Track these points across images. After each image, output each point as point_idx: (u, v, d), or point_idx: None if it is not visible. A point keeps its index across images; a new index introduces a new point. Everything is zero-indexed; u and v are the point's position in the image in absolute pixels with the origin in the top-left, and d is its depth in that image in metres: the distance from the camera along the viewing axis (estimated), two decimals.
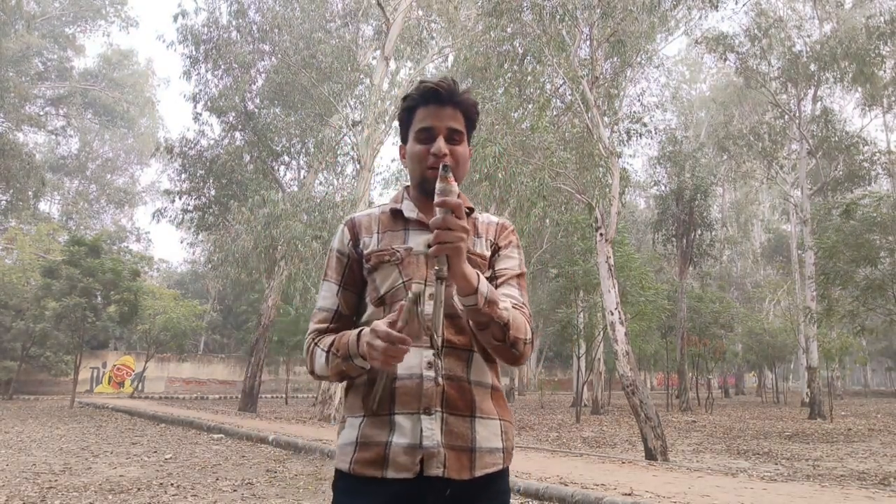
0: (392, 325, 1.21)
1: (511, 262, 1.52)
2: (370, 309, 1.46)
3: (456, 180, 1.29)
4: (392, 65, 17.36)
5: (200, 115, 17.98)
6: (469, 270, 1.26)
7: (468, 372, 1.39)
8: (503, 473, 1.42)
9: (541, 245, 18.32)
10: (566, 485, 5.94)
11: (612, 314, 9.15)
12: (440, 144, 1.41)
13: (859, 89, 21.20)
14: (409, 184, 1.56)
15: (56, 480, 6.53)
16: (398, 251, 1.43)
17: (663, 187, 23.70)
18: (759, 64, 19.62)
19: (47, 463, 7.69)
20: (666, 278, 24.69)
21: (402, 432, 1.32)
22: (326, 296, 1.50)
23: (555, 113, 13.41)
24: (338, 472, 1.41)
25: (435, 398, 1.33)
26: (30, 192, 26.52)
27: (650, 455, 8.38)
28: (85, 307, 18.15)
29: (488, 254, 1.49)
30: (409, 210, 1.48)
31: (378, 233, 1.48)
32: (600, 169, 11.19)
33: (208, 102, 17.67)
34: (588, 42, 11.66)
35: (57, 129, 35.21)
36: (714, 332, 23.18)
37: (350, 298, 1.50)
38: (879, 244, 13.03)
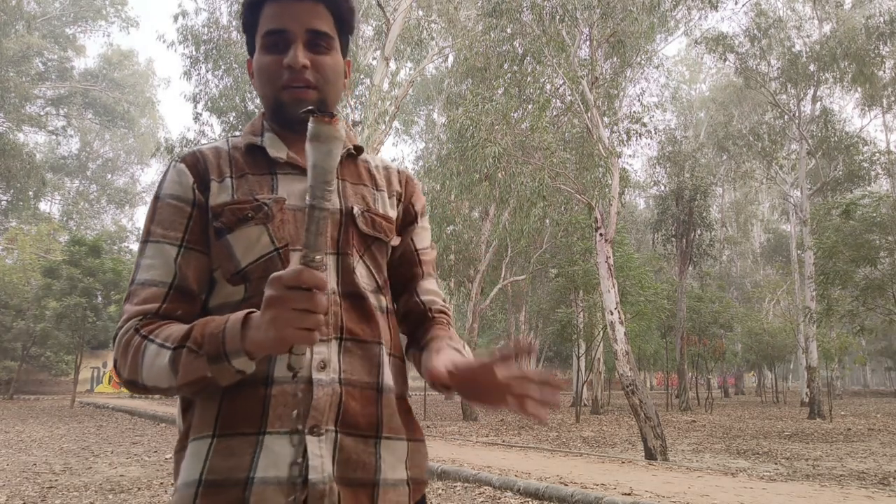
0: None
1: (427, 236, 1.20)
2: (224, 287, 1.00)
3: (322, 100, 1.02)
4: (392, 65, 17.36)
5: (201, 115, 17.97)
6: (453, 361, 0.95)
7: (377, 375, 0.99)
8: None
9: (541, 245, 18.32)
10: (566, 484, 5.95)
11: (612, 314, 9.16)
12: (296, 53, 1.00)
13: (859, 89, 21.20)
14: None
15: (56, 480, 6.53)
16: (266, 203, 0.99)
17: (663, 187, 23.71)
18: (759, 64, 19.63)
19: (48, 463, 7.70)
20: (665, 278, 24.69)
21: (274, 461, 0.89)
22: (154, 263, 0.98)
23: (555, 113, 13.42)
24: None
25: (328, 411, 0.92)
26: (30, 192, 26.57)
27: (650, 455, 8.39)
28: (85, 307, 18.17)
29: (394, 214, 1.12)
30: (274, 148, 1.05)
31: (232, 177, 1.03)
32: (600, 169, 11.20)
33: (209, 102, 17.67)
34: (588, 42, 11.68)
35: (57, 130, 35.22)
36: (714, 332, 23.20)
37: (200, 264, 1.00)
38: (879, 244, 13.03)
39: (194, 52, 17.28)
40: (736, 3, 19.69)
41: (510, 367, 0.86)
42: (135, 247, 36.84)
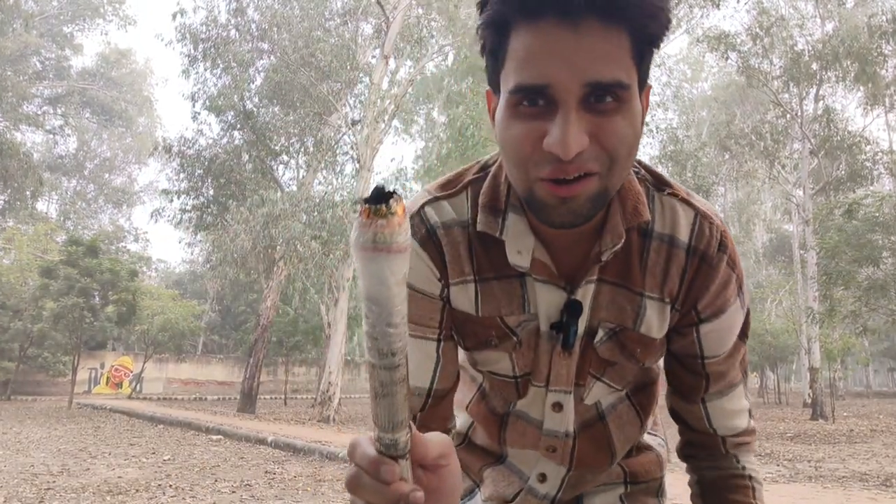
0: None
1: (730, 337, 0.82)
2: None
3: (598, 200, 0.66)
4: (392, 63, 17.31)
5: (199, 114, 17.94)
6: None
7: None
8: None
9: None
10: None
11: None
12: (566, 133, 0.60)
13: (861, 88, 21.15)
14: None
15: (54, 481, 6.46)
16: (515, 332, 0.80)
17: None
18: (761, 63, 19.58)
19: (45, 464, 7.63)
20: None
21: None
22: (418, 359, 0.82)
23: None
24: None
25: None
26: (27, 192, 26.44)
27: None
28: (83, 307, 18.10)
29: (664, 327, 0.80)
30: (517, 245, 0.76)
31: (475, 278, 0.79)
32: None
33: (207, 101, 17.62)
34: None
35: (55, 129, 35.17)
36: None
37: (453, 357, 0.85)
38: (882, 244, 12.99)
39: (192, 51, 17.23)
40: (738, 2, 19.61)
41: None
42: (132, 246, 36.92)
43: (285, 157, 18.85)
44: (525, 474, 0.91)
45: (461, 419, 0.95)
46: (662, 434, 1.03)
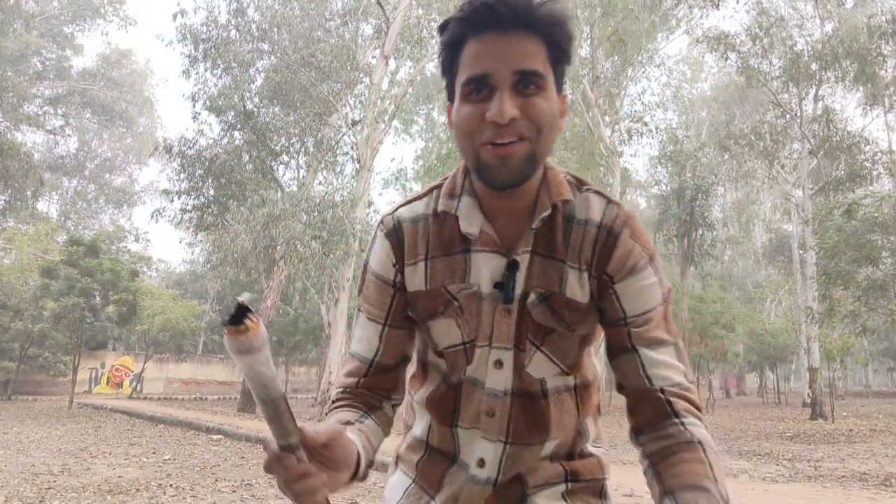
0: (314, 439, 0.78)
1: (653, 295, 0.97)
2: (434, 356, 1.06)
3: (529, 162, 0.88)
4: (392, 64, 17.32)
5: (199, 114, 17.93)
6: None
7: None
8: None
9: None
10: None
11: None
12: (502, 103, 0.85)
13: (861, 89, 21.15)
14: None
15: (55, 481, 6.49)
16: (456, 298, 0.97)
17: (664, 187, 23.68)
18: (761, 63, 19.58)
19: (46, 464, 7.65)
20: (667, 278, 24.64)
21: None
22: (362, 336, 1.05)
23: None
24: None
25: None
26: (28, 192, 26.46)
27: None
28: (83, 307, 18.11)
29: (586, 293, 0.97)
30: (468, 219, 0.96)
31: (427, 258, 1.00)
32: (601, 168, 11.17)
33: (207, 101, 17.62)
34: (589, 41, 11.63)
35: (55, 129, 35.20)
36: (715, 333, 23.14)
37: (401, 341, 1.05)
38: (881, 244, 12.99)
39: (193, 51, 17.24)
40: (738, 2, 19.64)
41: None
42: (133, 246, 36.89)
43: (286, 158, 18.86)
44: (469, 467, 1.03)
45: (421, 426, 1.10)
46: (605, 447, 1.16)
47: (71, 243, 19.61)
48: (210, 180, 18.02)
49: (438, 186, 1.03)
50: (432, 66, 18.53)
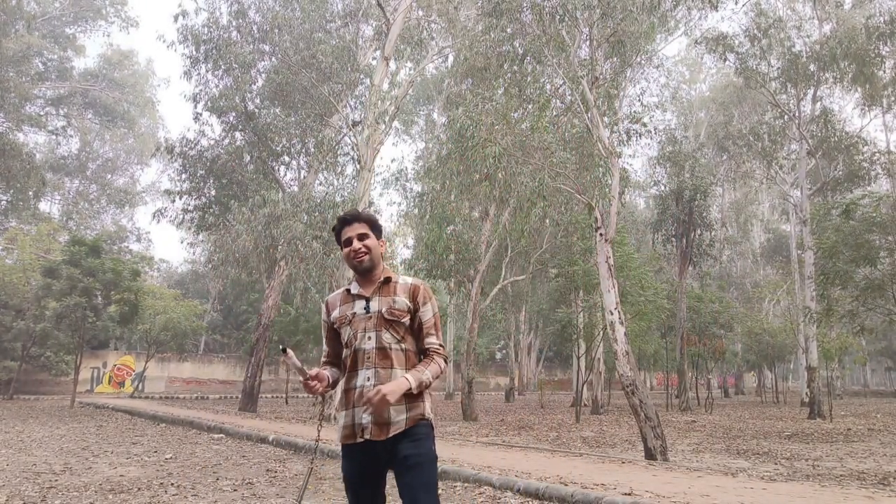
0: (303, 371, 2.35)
1: (427, 314, 2.46)
2: (342, 347, 2.51)
3: (371, 262, 2.46)
4: (392, 65, 17.37)
5: (201, 115, 17.96)
6: (399, 386, 2.27)
7: (390, 380, 2.35)
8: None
9: (541, 245, 18.29)
10: (566, 484, 5.94)
11: (612, 314, 9.15)
12: (354, 245, 2.44)
13: (859, 89, 21.19)
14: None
15: (56, 480, 6.54)
16: (348, 315, 2.44)
17: (663, 187, 23.71)
18: (759, 64, 19.61)
19: (48, 463, 7.70)
20: (666, 278, 24.69)
21: (350, 417, 2.41)
22: (326, 346, 2.57)
23: (555, 113, 13.41)
24: None
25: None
26: (30, 193, 26.57)
27: (650, 455, 8.39)
28: (85, 307, 18.18)
29: (407, 307, 2.42)
30: (354, 288, 2.48)
31: (339, 305, 2.49)
32: (600, 169, 11.21)
33: (208, 102, 17.65)
34: (588, 42, 11.67)
35: (57, 130, 35.21)
36: (714, 332, 23.20)
37: (335, 344, 2.53)
38: (879, 244, 13.01)
39: (194, 52, 17.26)
40: (736, 3, 19.61)
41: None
42: (135, 246, 37.21)
43: (286, 158, 18.92)
44: (363, 384, 2.39)
45: (342, 381, 2.50)
46: (431, 403, 2.50)
47: (73, 243, 19.66)
48: (211, 181, 18.07)
49: (351, 280, 2.54)
50: (432, 68, 18.58)
